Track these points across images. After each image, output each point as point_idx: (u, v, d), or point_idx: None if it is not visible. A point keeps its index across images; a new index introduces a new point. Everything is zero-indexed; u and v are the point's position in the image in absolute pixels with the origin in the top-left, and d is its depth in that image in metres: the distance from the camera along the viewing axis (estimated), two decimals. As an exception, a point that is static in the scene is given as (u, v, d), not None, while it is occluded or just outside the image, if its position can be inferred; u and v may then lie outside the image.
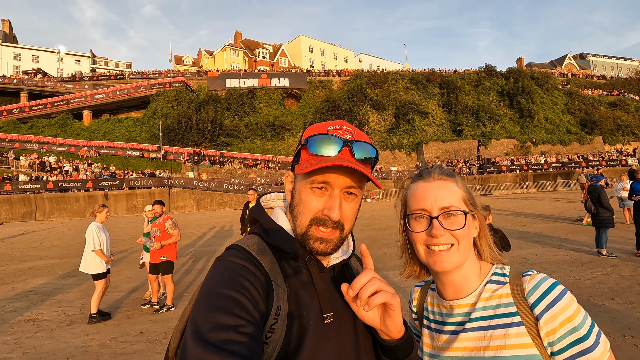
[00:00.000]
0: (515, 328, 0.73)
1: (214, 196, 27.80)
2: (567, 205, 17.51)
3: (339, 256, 0.80)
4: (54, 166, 29.81)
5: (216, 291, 0.64)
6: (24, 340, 4.51)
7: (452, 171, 0.87)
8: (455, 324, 0.81)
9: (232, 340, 0.58)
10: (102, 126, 38.14)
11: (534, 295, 0.74)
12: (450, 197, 0.80)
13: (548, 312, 0.71)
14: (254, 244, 0.75)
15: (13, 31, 60.31)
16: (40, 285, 7.25)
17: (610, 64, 79.55)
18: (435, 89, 46.20)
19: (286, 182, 0.82)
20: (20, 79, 41.34)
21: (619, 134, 43.47)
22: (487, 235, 0.86)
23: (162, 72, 46.05)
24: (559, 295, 0.72)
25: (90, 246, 5.23)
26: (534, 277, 0.77)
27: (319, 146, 0.73)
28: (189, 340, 0.59)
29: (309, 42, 64.36)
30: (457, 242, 0.78)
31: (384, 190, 31.22)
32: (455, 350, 0.79)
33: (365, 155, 0.74)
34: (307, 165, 0.72)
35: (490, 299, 0.79)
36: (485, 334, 0.76)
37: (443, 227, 0.78)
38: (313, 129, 0.78)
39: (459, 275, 0.81)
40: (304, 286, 0.73)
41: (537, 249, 8.21)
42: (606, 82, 56.08)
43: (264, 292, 0.67)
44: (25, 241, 13.97)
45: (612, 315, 4.31)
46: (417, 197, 0.82)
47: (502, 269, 0.84)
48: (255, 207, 0.84)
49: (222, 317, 0.60)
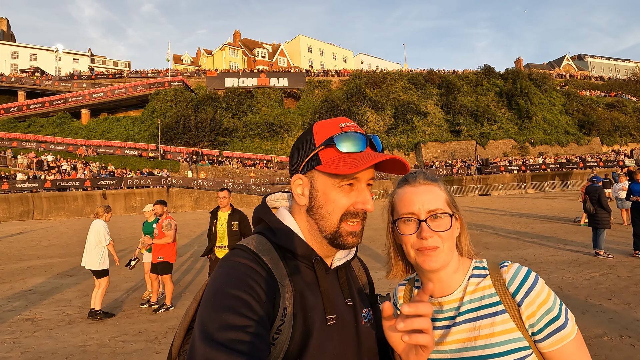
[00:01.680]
0: (500, 316, 0.80)
1: (212, 196, 27.76)
2: (564, 205, 17.57)
3: (343, 257, 0.81)
4: (51, 165, 29.70)
5: (224, 291, 0.64)
6: (23, 339, 4.50)
7: (434, 175, 0.92)
8: (447, 319, 0.85)
9: (240, 340, 0.58)
10: (100, 125, 38.04)
11: (513, 284, 0.81)
12: (436, 201, 0.85)
13: (527, 297, 0.79)
14: (260, 244, 0.74)
15: (11, 29, 60.09)
16: (39, 284, 7.24)
17: (608, 65, 79.86)
18: (434, 89, 46.28)
19: (296, 186, 0.77)
20: (18, 78, 41.19)
21: (616, 135, 43.64)
22: (466, 233, 0.91)
23: (161, 71, 45.98)
24: (534, 281, 0.81)
25: (104, 241, 5.33)
26: (511, 267, 0.84)
27: (350, 144, 0.72)
28: (197, 339, 0.59)
29: (308, 41, 64.33)
30: (443, 242, 0.83)
31: (383, 190, 31.27)
32: (449, 344, 0.83)
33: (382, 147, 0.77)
34: (346, 165, 0.70)
35: (475, 292, 0.84)
36: (474, 325, 0.81)
37: (431, 229, 0.83)
38: (327, 127, 0.75)
39: (444, 273, 0.86)
40: (308, 287, 0.74)
41: (535, 249, 8.24)
42: (604, 83, 56.30)
43: (271, 293, 0.67)
44: (23, 240, 13.93)
45: (610, 315, 4.33)
46: (405, 201, 0.86)
47: (480, 262, 0.90)
48: (260, 207, 0.83)
49: (230, 317, 0.60)
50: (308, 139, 0.76)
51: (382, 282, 6.14)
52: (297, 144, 0.78)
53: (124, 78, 44.51)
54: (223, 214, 4.96)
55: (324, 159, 0.73)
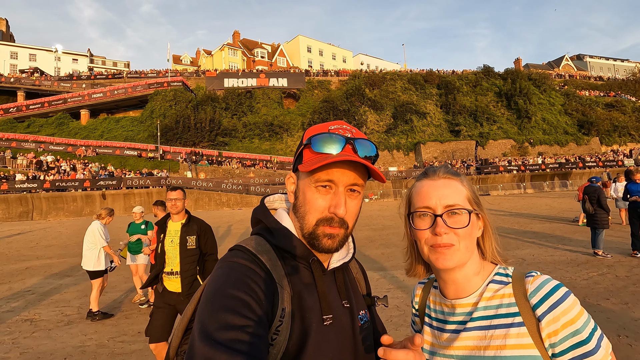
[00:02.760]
0: (516, 328, 0.73)
1: (211, 196, 27.77)
2: (564, 205, 17.59)
3: (340, 258, 0.81)
4: (51, 165, 29.68)
5: (223, 291, 0.64)
6: (22, 340, 4.49)
7: (456, 170, 0.88)
8: (457, 322, 0.81)
9: (239, 339, 0.58)
10: (99, 125, 38.03)
11: (536, 296, 0.74)
12: (455, 196, 0.80)
13: (550, 313, 0.71)
14: (258, 245, 0.75)
15: (10, 30, 60.04)
16: (38, 285, 7.23)
17: (607, 65, 80.00)
18: (434, 89, 46.31)
19: (288, 183, 0.82)
20: (18, 78, 41.16)
21: (615, 134, 43.71)
22: (491, 235, 0.85)
23: (160, 71, 45.97)
24: (562, 297, 0.72)
25: (100, 243, 5.35)
26: (537, 278, 0.76)
27: (322, 144, 0.74)
28: (196, 339, 0.59)
29: (308, 42, 64.35)
30: (460, 240, 0.78)
31: (382, 190, 31.26)
32: (455, 349, 0.79)
33: (366, 154, 0.76)
34: (311, 163, 0.72)
35: (492, 299, 0.79)
36: (486, 334, 0.76)
37: (447, 226, 0.78)
38: (314, 129, 0.78)
39: (461, 275, 0.81)
40: (306, 288, 0.74)
41: (534, 249, 8.25)
42: (603, 83, 56.39)
43: (270, 293, 0.68)
44: (22, 241, 13.91)
45: (607, 315, 4.34)
46: (422, 195, 0.82)
47: (505, 269, 0.83)
48: (259, 208, 0.85)
49: (230, 317, 0.60)
50: (302, 139, 0.80)
51: (380, 283, 6.15)
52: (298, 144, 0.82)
53: (123, 78, 44.49)
54: (174, 225, 3.43)
55: (304, 159, 0.77)
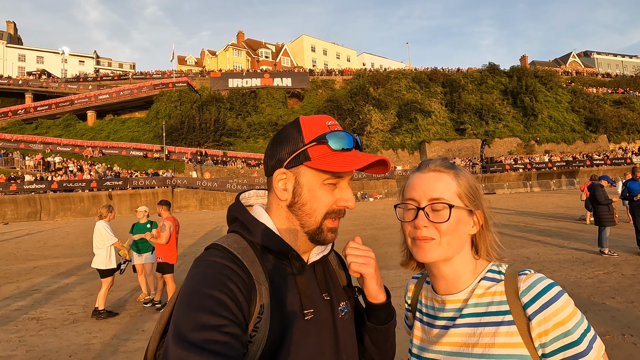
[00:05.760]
0: (505, 327, 0.72)
1: (217, 196, 27.92)
2: (570, 204, 17.41)
3: (319, 252, 0.81)
4: (58, 166, 30.06)
5: (198, 291, 0.63)
6: (28, 338, 4.57)
7: (454, 164, 0.84)
8: (447, 319, 0.81)
9: (214, 340, 0.57)
10: (106, 126, 38.41)
11: (527, 295, 0.72)
12: (442, 190, 0.79)
13: (541, 313, 0.70)
14: (235, 243, 0.74)
15: (18, 32, 60.76)
16: (45, 284, 7.33)
17: (615, 61, 78.88)
18: (438, 87, 46.04)
19: (279, 180, 0.76)
20: (25, 80, 41.71)
21: (623, 132, 43.10)
22: (488, 233, 0.83)
23: (165, 72, 46.24)
24: (554, 297, 0.70)
25: (109, 240, 5.43)
26: (530, 276, 0.74)
27: (342, 142, 0.74)
28: (170, 341, 0.58)
29: (312, 41, 64.33)
30: (442, 235, 0.77)
31: (387, 189, 31.20)
32: (443, 345, 0.79)
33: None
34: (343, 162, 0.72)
35: (483, 296, 0.78)
36: (474, 331, 0.75)
37: (428, 219, 0.77)
38: (315, 124, 0.76)
39: (449, 270, 0.81)
40: (285, 283, 0.74)
41: (539, 247, 8.19)
42: (611, 80, 55.58)
43: (247, 291, 0.67)
44: (30, 241, 14.12)
45: (612, 314, 4.29)
46: (410, 187, 0.83)
47: (498, 267, 0.82)
48: (234, 205, 0.83)
49: (205, 317, 0.59)
50: (294, 134, 0.75)
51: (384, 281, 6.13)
52: (280, 138, 0.77)
53: (129, 80, 44.87)
54: None
55: (313, 156, 0.73)
